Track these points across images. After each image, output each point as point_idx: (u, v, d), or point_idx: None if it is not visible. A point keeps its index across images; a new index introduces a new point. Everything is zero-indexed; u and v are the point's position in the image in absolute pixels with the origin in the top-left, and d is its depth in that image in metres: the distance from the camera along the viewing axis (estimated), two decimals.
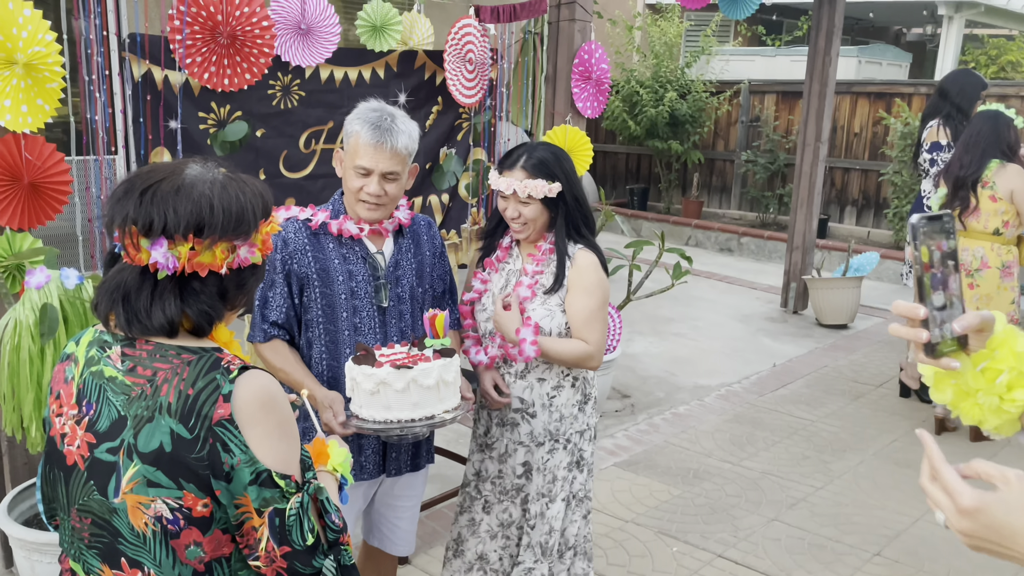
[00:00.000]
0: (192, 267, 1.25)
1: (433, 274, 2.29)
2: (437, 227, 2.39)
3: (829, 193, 9.30)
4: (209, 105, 3.29)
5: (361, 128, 2.05)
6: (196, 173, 1.30)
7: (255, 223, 1.31)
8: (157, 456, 1.21)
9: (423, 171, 4.11)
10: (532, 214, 2.28)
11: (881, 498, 3.73)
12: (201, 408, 1.20)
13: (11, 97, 2.58)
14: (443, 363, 2.00)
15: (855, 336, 6.28)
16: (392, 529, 2.39)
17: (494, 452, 2.40)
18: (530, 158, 2.27)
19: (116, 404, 1.25)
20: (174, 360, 1.25)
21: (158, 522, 1.22)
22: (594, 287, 2.30)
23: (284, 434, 1.26)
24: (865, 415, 4.71)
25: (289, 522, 1.22)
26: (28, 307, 2.25)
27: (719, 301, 7.15)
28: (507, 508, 2.40)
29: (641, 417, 4.64)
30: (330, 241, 2.14)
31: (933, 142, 4.78)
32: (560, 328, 2.31)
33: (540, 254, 2.33)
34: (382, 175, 2.08)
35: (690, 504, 3.66)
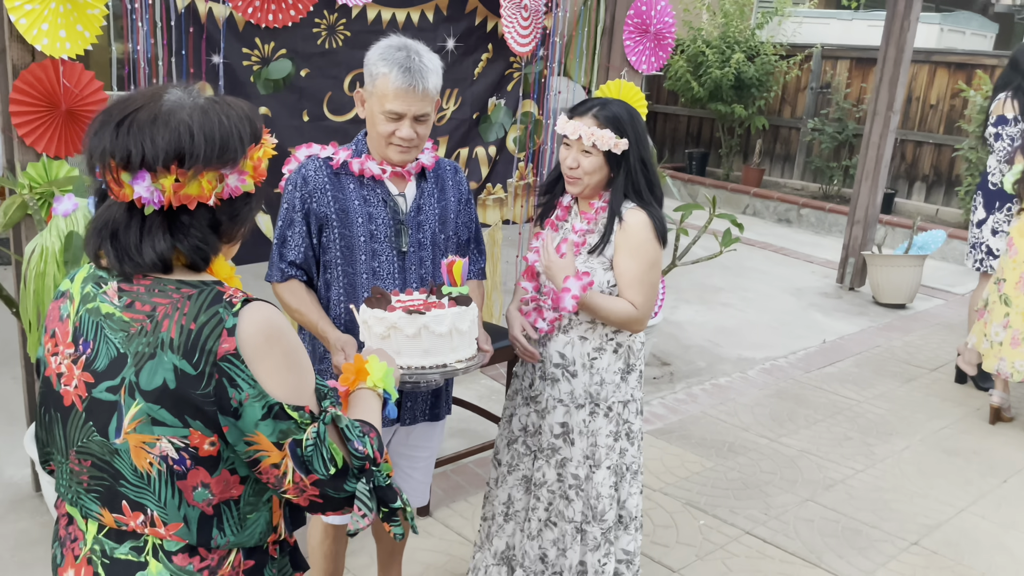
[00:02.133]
0: (179, 200, 1.19)
1: (458, 220, 2.21)
2: (464, 174, 2.29)
3: (898, 167, 8.90)
4: (253, 41, 3.23)
5: (389, 70, 1.94)
6: (176, 99, 1.22)
7: (242, 149, 1.22)
8: (160, 393, 1.17)
9: (470, 121, 4.01)
10: (591, 167, 2.16)
11: (924, 486, 3.57)
12: (205, 343, 1.16)
13: (49, 21, 2.55)
14: (457, 311, 1.93)
15: (913, 317, 6.02)
16: (405, 479, 2.35)
17: (538, 406, 2.33)
18: (603, 109, 2.16)
19: (115, 341, 1.20)
20: (173, 295, 1.20)
21: (163, 462, 1.18)
22: (640, 248, 2.18)
23: (293, 364, 1.22)
24: (916, 399, 4.52)
25: (307, 453, 1.19)
26: (55, 234, 2.24)
27: (772, 272, 6.93)
28: (541, 467, 2.33)
29: (680, 386, 4.53)
30: (351, 181, 2.06)
31: (999, 115, 4.48)
32: (602, 287, 2.21)
33: (592, 212, 2.23)
34: (414, 118, 1.99)
35: (722, 477, 3.55)
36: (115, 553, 1.23)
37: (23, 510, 3.00)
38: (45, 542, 2.79)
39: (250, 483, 1.25)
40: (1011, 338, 4.05)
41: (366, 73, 2.02)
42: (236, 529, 1.25)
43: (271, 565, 1.33)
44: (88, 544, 1.25)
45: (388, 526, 1.32)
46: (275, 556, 1.34)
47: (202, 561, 1.24)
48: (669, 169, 10.29)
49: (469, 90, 3.95)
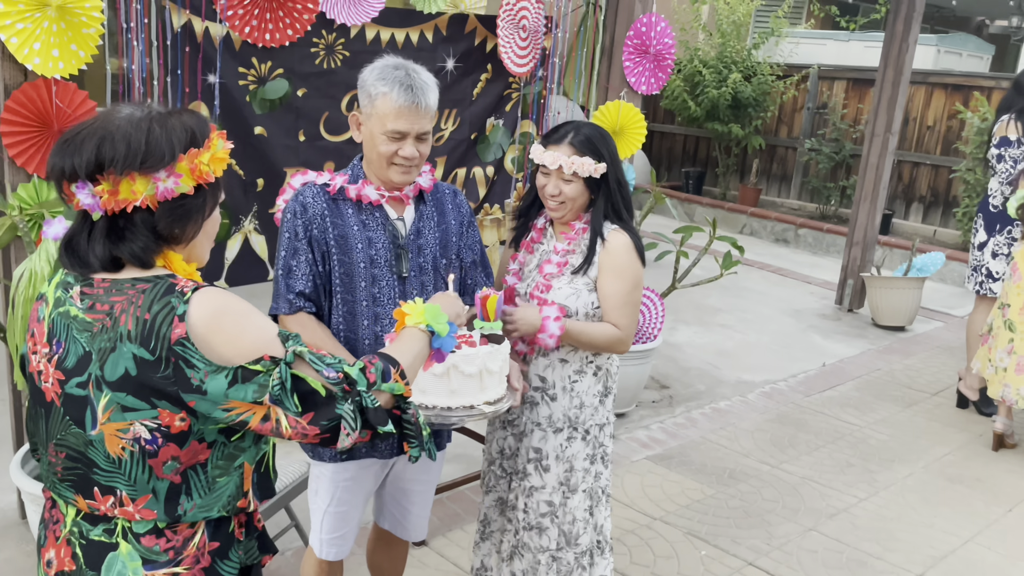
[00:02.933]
0: (117, 204, 1.27)
1: (461, 243, 2.16)
2: (463, 196, 2.25)
3: (895, 188, 8.90)
4: (250, 60, 3.19)
5: (390, 89, 1.90)
6: (122, 115, 1.30)
7: (171, 154, 1.28)
8: (124, 381, 1.25)
9: (468, 141, 3.97)
10: (573, 193, 2.17)
11: (929, 515, 3.51)
12: (159, 330, 1.24)
13: (42, 40, 2.50)
14: (489, 350, 1.88)
15: (912, 339, 5.98)
16: (404, 514, 2.28)
17: (516, 429, 2.30)
18: (578, 134, 2.17)
19: (81, 341, 1.28)
20: (129, 291, 1.29)
21: (136, 443, 1.26)
22: (626, 269, 2.21)
23: (243, 328, 1.28)
24: (918, 424, 4.46)
25: (274, 394, 1.25)
26: (44, 258, 2.18)
27: (770, 294, 6.89)
28: (515, 490, 2.33)
29: (679, 410, 4.47)
30: (349, 207, 2.01)
31: (1002, 137, 4.46)
32: (587, 308, 2.21)
33: (573, 233, 2.24)
34: (416, 136, 1.95)
35: (723, 506, 3.49)
36: (90, 535, 1.32)
37: (8, 538, 2.92)
38: (31, 571, 2.72)
39: (217, 447, 1.31)
40: (1016, 364, 4.01)
41: (363, 94, 1.98)
42: (204, 492, 1.31)
43: (237, 547, 1.39)
44: (67, 526, 1.35)
45: (407, 446, 1.42)
46: (240, 539, 1.41)
47: (168, 542, 1.31)
48: (666, 188, 10.28)
49: (468, 110, 3.91)
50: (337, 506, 2.08)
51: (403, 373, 1.40)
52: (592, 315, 2.22)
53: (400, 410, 1.40)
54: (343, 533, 2.13)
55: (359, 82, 1.99)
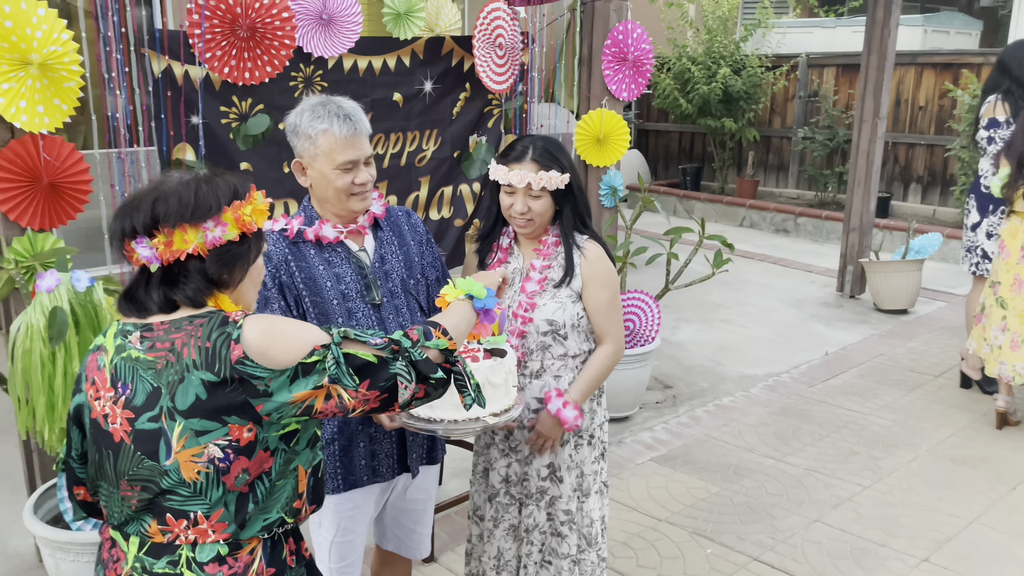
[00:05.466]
0: (172, 254, 1.42)
1: (423, 262, 2.22)
2: (417, 216, 2.31)
3: (892, 170, 8.90)
4: (230, 99, 3.26)
5: (329, 125, 1.96)
6: (173, 179, 1.47)
7: (217, 206, 1.43)
8: (194, 407, 1.38)
9: (451, 160, 4.03)
10: (541, 208, 2.22)
11: (933, 498, 3.54)
12: (220, 353, 1.38)
13: (27, 98, 2.58)
14: (491, 364, 1.94)
15: (915, 322, 5.99)
16: (408, 533, 2.33)
17: (519, 455, 2.34)
18: (536, 149, 2.21)
19: (147, 378, 1.41)
20: (187, 327, 1.42)
21: (210, 463, 1.38)
22: (608, 277, 2.30)
23: (291, 334, 1.43)
24: (921, 407, 4.48)
25: (332, 373, 1.41)
26: (39, 311, 2.25)
27: (772, 285, 6.91)
28: (532, 513, 2.34)
29: (683, 409, 4.51)
30: (310, 248, 2.05)
31: (990, 118, 4.48)
32: (573, 319, 2.27)
33: (546, 248, 2.29)
34: (364, 161, 2.03)
35: (728, 503, 3.53)
36: (154, 568, 1.42)
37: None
38: None
39: (278, 454, 1.45)
40: (1010, 341, 4.02)
41: (300, 139, 2.02)
42: (266, 496, 1.44)
43: (289, 574, 1.51)
44: (129, 563, 1.44)
45: (462, 396, 1.61)
46: (292, 566, 1.52)
47: (230, 569, 1.42)
48: (664, 186, 10.32)
49: (448, 129, 3.97)
50: (343, 535, 2.13)
51: (445, 331, 1.59)
52: (577, 325, 2.27)
53: (449, 363, 1.57)
54: (351, 561, 2.18)
55: (290, 128, 2.03)
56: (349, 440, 2.07)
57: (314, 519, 2.17)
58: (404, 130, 3.84)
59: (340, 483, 2.08)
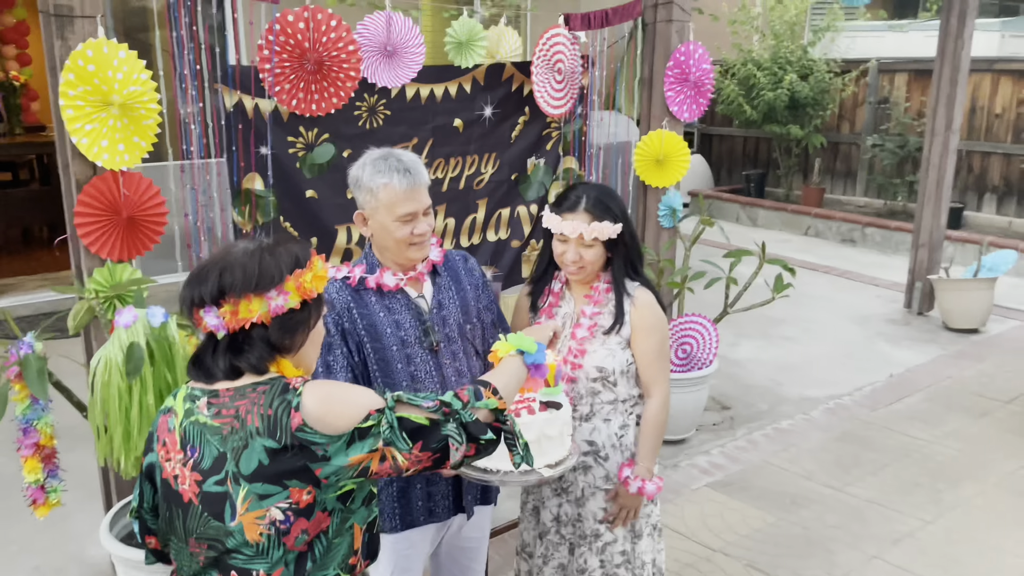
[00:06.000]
0: (238, 323, 1.49)
1: (479, 306, 2.27)
2: (475, 259, 2.35)
3: (966, 179, 8.62)
4: (297, 129, 3.36)
5: (390, 179, 2.03)
6: (238, 249, 1.55)
7: (279, 276, 1.51)
8: (257, 472, 1.44)
9: (509, 182, 4.07)
10: (593, 257, 2.25)
11: (999, 536, 3.45)
12: (280, 420, 1.45)
13: (108, 137, 2.71)
14: (546, 416, 1.99)
15: (986, 342, 5.81)
16: (463, 570, 2.39)
17: (571, 496, 2.37)
18: (589, 199, 2.24)
19: (214, 443, 1.48)
20: (251, 394, 1.49)
21: (272, 526, 1.45)
22: (657, 325, 2.32)
23: (347, 402, 1.48)
24: (989, 436, 4.36)
25: (387, 436, 1.46)
26: (117, 346, 2.38)
27: (836, 299, 6.78)
28: (584, 555, 2.38)
29: (740, 432, 4.48)
30: (371, 295, 2.12)
31: None
32: (623, 366, 2.29)
33: (597, 295, 2.31)
34: (423, 212, 2.09)
35: (784, 534, 3.50)
36: None
37: None
38: None
39: (336, 514, 1.51)
40: None
41: (361, 192, 2.09)
42: (323, 554, 1.50)
43: None
44: None
45: (511, 454, 1.65)
46: None
47: None
48: (727, 192, 10.19)
49: (507, 152, 4.02)
50: (400, 573, 2.20)
51: (495, 390, 1.63)
52: (626, 371, 2.30)
53: (499, 422, 1.60)
54: None
55: (352, 181, 2.11)
56: (407, 482, 2.14)
57: None
58: (464, 154, 3.89)
59: (398, 523, 2.14)
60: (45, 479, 2.54)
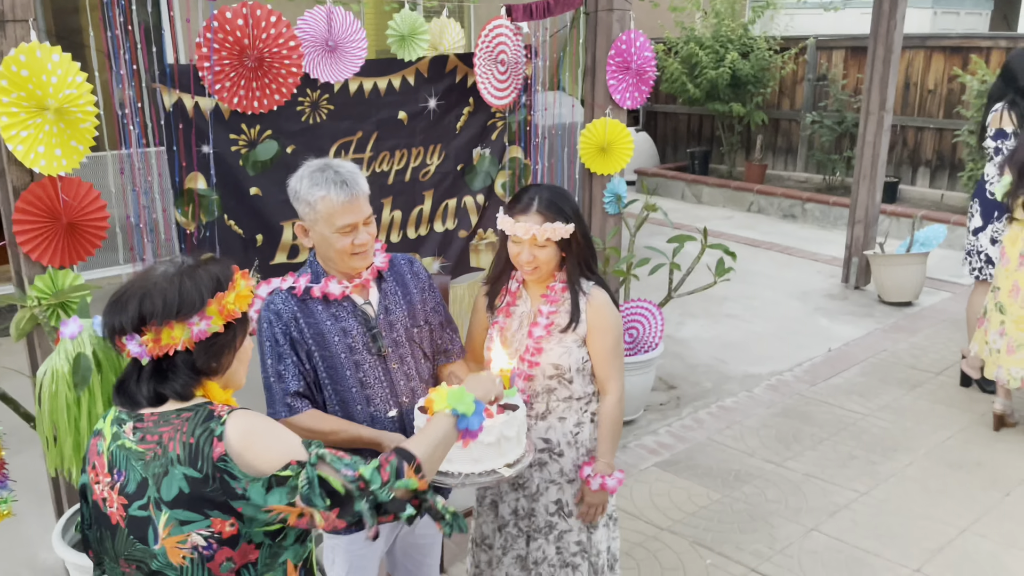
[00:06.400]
0: (160, 349, 1.50)
1: (426, 309, 2.31)
2: (420, 263, 2.39)
3: (901, 153, 8.89)
4: (239, 127, 3.34)
5: (327, 191, 2.05)
6: (157, 273, 1.55)
7: (201, 301, 1.50)
8: (178, 499, 1.45)
9: (455, 173, 4.10)
10: (547, 257, 2.29)
11: (928, 505, 3.64)
12: (202, 450, 1.45)
13: (44, 143, 2.66)
14: (504, 419, 2.05)
15: (919, 315, 6.05)
16: (418, 566, 2.46)
17: (527, 491, 2.45)
18: (541, 201, 2.27)
19: (138, 468, 1.49)
20: (175, 421, 1.50)
21: (195, 551, 1.45)
22: (612, 324, 2.38)
23: (271, 440, 1.49)
24: (921, 408, 4.57)
25: (303, 493, 1.43)
26: (63, 356, 2.36)
27: (777, 276, 6.97)
28: (540, 546, 2.46)
29: (686, 411, 4.61)
30: (317, 304, 2.15)
31: (997, 129, 4.50)
32: (578, 363, 2.35)
33: (553, 294, 2.35)
34: (363, 223, 2.11)
35: (728, 510, 3.64)
36: None
37: None
38: None
39: (264, 548, 1.50)
40: (1007, 346, 4.09)
41: (301, 204, 2.11)
42: None
43: None
44: None
45: (439, 524, 1.58)
46: None
47: None
48: (672, 170, 10.33)
49: (452, 144, 4.04)
50: (356, 573, 2.25)
51: (419, 467, 1.54)
52: (581, 369, 2.37)
53: (419, 499, 1.54)
54: None
55: (291, 194, 2.12)
56: None
57: (327, 557, 2.29)
58: (409, 147, 3.91)
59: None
60: None
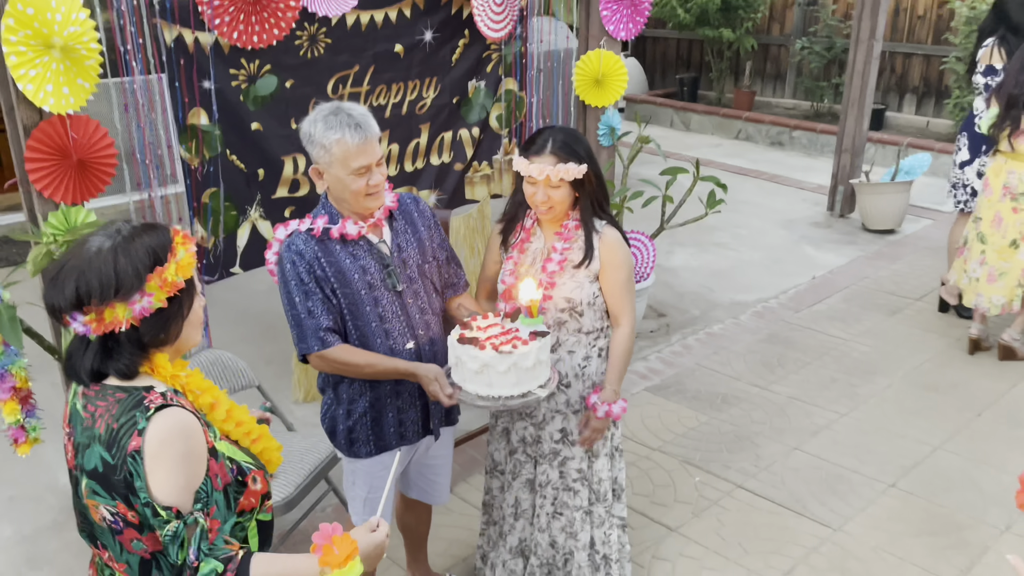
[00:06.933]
0: (105, 328, 1.48)
1: (433, 244, 2.41)
2: (424, 201, 2.48)
3: (889, 80, 8.91)
4: (239, 62, 3.36)
5: (342, 134, 2.10)
6: (92, 248, 1.50)
7: (139, 279, 1.48)
8: (93, 473, 1.49)
9: (451, 106, 4.14)
10: (561, 197, 2.38)
11: (903, 425, 3.85)
12: (120, 439, 1.46)
13: (52, 82, 2.69)
14: (539, 344, 2.20)
15: (901, 242, 6.21)
16: (431, 484, 2.62)
17: (534, 420, 2.59)
18: (555, 142, 2.35)
19: (79, 430, 1.53)
20: (110, 398, 1.51)
21: (104, 520, 1.51)
22: (624, 261, 2.48)
23: (182, 469, 1.47)
24: (900, 333, 4.76)
25: (165, 540, 1.45)
26: None
27: (765, 205, 7.09)
28: (545, 471, 2.62)
29: (675, 338, 4.78)
30: (336, 244, 2.22)
31: (988, 65, 4.55)
32: (589, 298, 2.47)
33: (567, 232, 2.45)
34: (376, 163, 2.18)
35: (716, 432, 3.84)
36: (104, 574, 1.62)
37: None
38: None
39: None
40: (987, 274, 4.26)
41: (315, 147, 2.16)
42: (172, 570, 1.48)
43: None
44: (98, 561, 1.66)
45: None
46: None
47: None
48: (661, 97, 10.31)
49: (447, 76, 4.07)
50: (375, 492, 2.41)
51: None
52: (592, 303, 2.48)
53: None
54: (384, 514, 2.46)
55: (304, 137, 2.17)
56: (379, 412, 2.32)
57: (347, 479, 2.44)
58: (405, 80, 3.93)
59: (372, 448, 2.34)
60: (24, 419, 2.65)
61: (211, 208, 3.49)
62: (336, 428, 2.36)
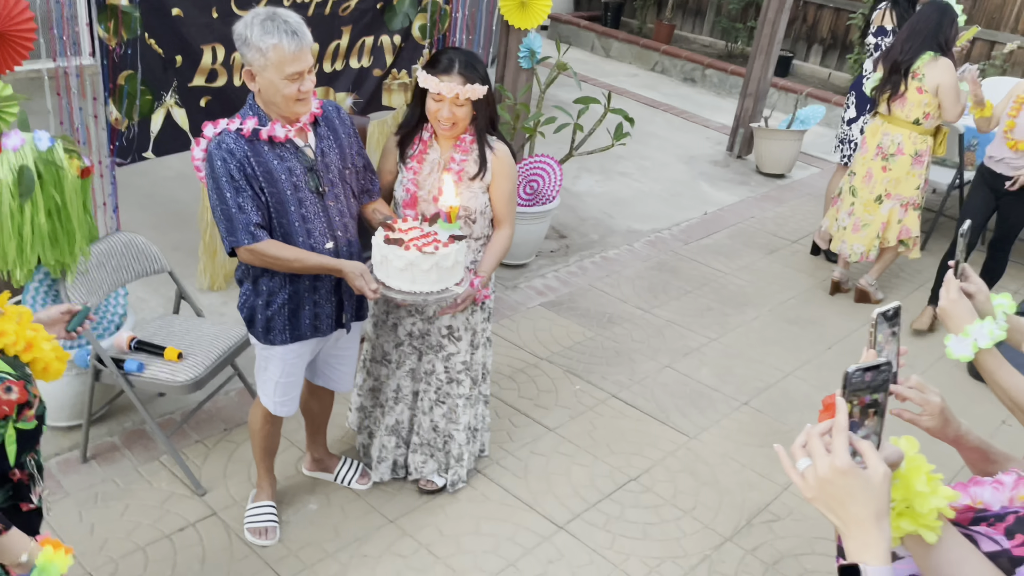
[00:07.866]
0: None
1: (352, 152, 2.57)
2: (345, 110, 2.61)
3: (799, 29, 9.27)
4: None
5: (279, 40, 2.20)
6: None
7: None
8: None
9: (374, 10, 4.19)
10: (464, 114, 2.59)
11: (763, 352, 4.31)
12: None
13: None
14: (458, 247, 2.46)
15: (788, 187, 6.66)
16: (336, 372, 2.85)
17: (423, 315, 2.84)
18: (461, 63, 2.54)
19: None
20: None
21: None
22: (512, 173, 2.77)
23: None
24: (774, 270, 5.21)
25: None
26: (6, 167, 2.51)
27: (671, 139, 7.40)
28: (431, 361, 2.89)
29: (573, 259, 5.09)
30: (264, 146, 2.34)
31: (879, 26, 4.90)
32: (482, 207, 2.73)
33: (464, 145, 2.68)
34: (308, 71, 2.31)
35: (599, 347, 4.20)
36: None
37: None
38: None
39: None
40: (853, 224, 4.71)
41: (250, 50, 2.25)
42: None
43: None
44: None
45: None
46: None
47: None
48: (585, 20, 10.39)
49: None
50: (287, 377, 2.62)
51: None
52: (483, 212, 2.74)
53: None
54: (292, 396, 2.69)
55: (238, 39, 2.26)
56: (297, 304, 2.52)
57: (259, 364, 2.64)
58: None
59: (287, 336, 2.54)
60: None
61: (127, 91, 3.49)
62: (255, 317, 2.53)
